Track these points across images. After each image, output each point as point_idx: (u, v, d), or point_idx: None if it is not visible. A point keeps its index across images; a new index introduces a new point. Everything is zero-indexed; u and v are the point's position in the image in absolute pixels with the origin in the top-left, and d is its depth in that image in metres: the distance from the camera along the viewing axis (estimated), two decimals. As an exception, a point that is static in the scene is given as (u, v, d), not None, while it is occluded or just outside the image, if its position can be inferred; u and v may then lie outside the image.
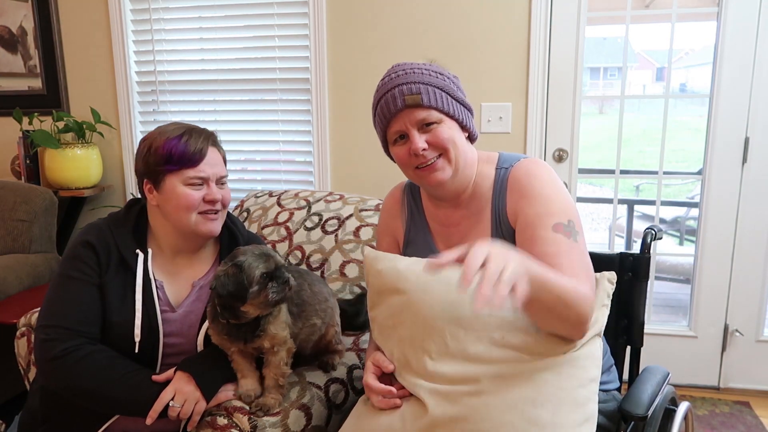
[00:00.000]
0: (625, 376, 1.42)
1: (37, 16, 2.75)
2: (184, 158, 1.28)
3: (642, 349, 1.44)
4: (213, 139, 1.35)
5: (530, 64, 2.38)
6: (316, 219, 1.86)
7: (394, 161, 1.25)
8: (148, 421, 1.20)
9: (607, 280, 1.18)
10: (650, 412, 1.14)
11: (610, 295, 1.18)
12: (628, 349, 1.46)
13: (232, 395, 1.27)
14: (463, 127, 1.23)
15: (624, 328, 1.44)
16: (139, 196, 1.41)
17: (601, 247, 3.81)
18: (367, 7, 2.49)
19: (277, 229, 1.87)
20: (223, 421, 1.22)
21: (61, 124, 2.62)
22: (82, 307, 1.26)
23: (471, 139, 1.27)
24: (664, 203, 3.51)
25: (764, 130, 2.31)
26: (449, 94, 1.19)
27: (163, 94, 2.76)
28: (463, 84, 1.27)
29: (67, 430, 1.29)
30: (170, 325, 1.32)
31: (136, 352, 1.28)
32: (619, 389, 1.33)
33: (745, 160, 2.34)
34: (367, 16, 2.49)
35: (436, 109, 1.16)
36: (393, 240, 1.39)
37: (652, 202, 2.96)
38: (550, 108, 2.45)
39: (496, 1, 2.38)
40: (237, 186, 2.74)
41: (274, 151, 2.73)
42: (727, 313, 2.46)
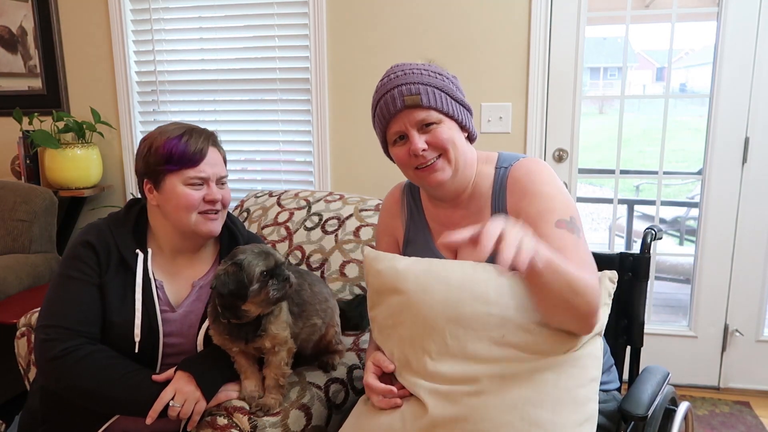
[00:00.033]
0: (625, 376, 1.42)
1: (37, 16, 2.75)
2: (185, 158, 1.28)
3: (642, 349, 1.44)
4: (213, 139, 1.36)
5: (530, 64, 2.38)
6: (316, 219, 1.86)
7: (393, 162, 1.25)
8: (148, 421, 1.20)
9: (609, 279, 1.18)
10: (650, 412, 1.14)
11: (611, 295, 1.18)
12: (628, 349, 1.46)
13: (234, 396, 1.27)
14: (463, 128, 1.23)
15: (624, 328, 1.44)
16: (139, 196, 1.41)
17: (601, 247, 3.81)
18: (367, 7, 2.49)
19: (277, 229, 1.87)
20: (223, 421, 1.22)
21: (61, 124, 2.63)
22: (82, 307, 1.26)
23: (470, 139, 1.27)
24: (664, 203, 3.51)
25: (764, 130, 2.31)
26: (448, 95, 1.19)
27: (163, 94, 2.76)
28: (463, 84, 1.27)
29: (67, 430, 1.29)
30: (170, 325, 1.33)
31: (136, 352, 1.28)
32: (619, 389, 1.33)
33: (745, 160, 2.34)
34: (367, 16, 2.49)
35: (436, 109, 1.17)
36: (392, 240, 1.39)
37: (652, 202, 2.96)
38: (550, 108, 2.45)
39: (496, 1, 2.38)
40: (237, 186, 2.74)
41: (274, 151, 2.73)
42: (727, 313, 2.46)
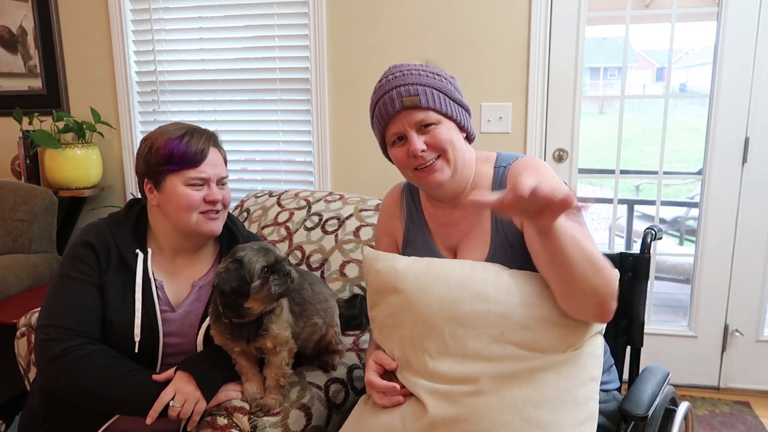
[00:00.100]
0: (625, 376, 1.42)
1: (37, 16, 2.75)
2: (186, 159, 1.28)
3: (642, 349, 1.44)
4: (214, 140, 1.36)
5: (530, 64, 2.38)
6: (316, 219, 1.86)
7: (392, 163, 1.25)
8: (148, 421, 1.20)
9: None
10: (650, 412, 1.14)
11: None
12: (628, 349, 1.46)
13: (234, 396, 1.27)
14: (461, 128, 1.23)
15: (624, 328, 1.44)
16: (139, 196, 1.41)
17: (601, 247, 3.80)
18: (367, 7, 2.49)
19: (277, 229, 1.87)
20: (223, 421, 1.22)
21: (61, 124, 2.62)
22: (82, 307, 1.26)
23: (469, 139, 1.27)
24: (664, 203, 3.51)
25: (764, 130, 2.31)
26: (447, 95, 1.19)
27: (164, 94, 2.76)
28: (463, 84, 1.27)
29: (67, 430, 1.29)
30: (170, 325, 1.33)
31: (136, 352, 1.28)
32: (619, 389, 1.33)
33: (745, 160, 2.34)
34: (367, 16, 2.49)
35: (434, 110, 1.17)
36: (392, 240, 1.39)
37: (652, 202, 2.96)
38: (550, 108, 2.45)
39: (496, 1, 2.38)
40: (237, 186, 2.74)
41: (274, 151, 2.73)
42: (727, 313, 2.46)
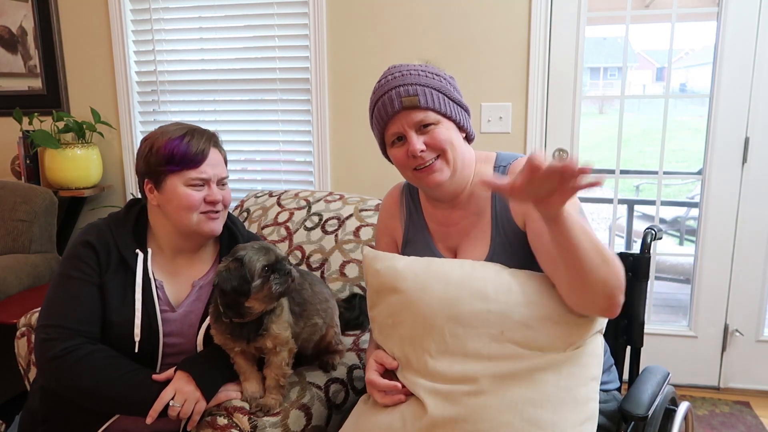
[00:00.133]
0: (625, 376, 1.42)
1: (37, 16, 2.75)
2: (186, 159, 1.29)
3: (642, 349, 1.44)
4: (215, 140, 1.36)
5: (530, 64, 2.38)
6: (316, 219, 1.86)
7: (392, 163, 1.25)
8: (148, 421, 1.20)
9: None
10: (650, 412, 1.14)
11: None
12: (628, 349, 1.46)
13: (234, 396, 1.27)
14: (461, 128, 1.23)
15: (624, 328, 1.44)
16: (139, 196, 1.41)
17: (601, 247, 3.80)
18: (367, 7, 2.49)
19: (277, 229, 1.87)
20: (223, 421, 1.22)
21: (61, 124, 2.62)
22: (82, 307, 1.26)
23: (468, 139, 1.27)
24: (664, 203, 3.50)
25: (764, 130, 2.31)
26: (446, 95, 1.19)
27: (164, 94, 2.76)
28: (463, 84, 1.27)
29: (67, 430, 1.29)
30: (170, 324, 1.33)
31: (136, 351, 1.28)
32: (619, 389, 1.33)
33: (745, 160, 2.34)
34: (367, 16, 2.49)
35: (433, 110, 1.17)
36: (392, 240, 1.39)
37: (652, 202, 2.96)
38: (550, 108, 2.45)
39: (496, 1, 2.38)
40: (237, 186, 2.74)
41: (274, 151, 2.73)
42: (727, 313, 2.46)
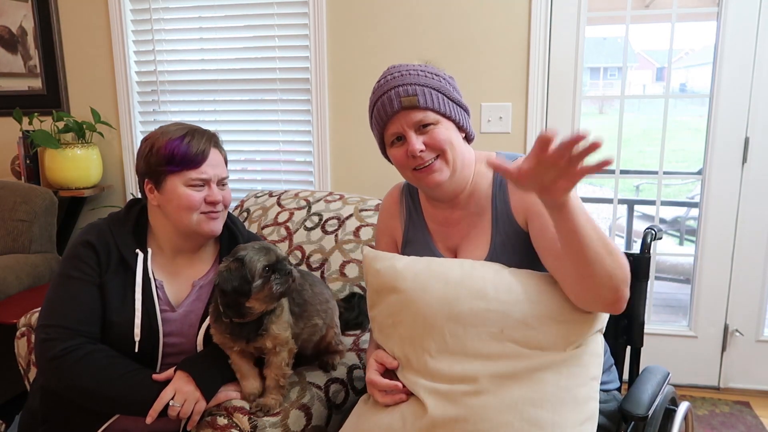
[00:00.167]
0: (625, 376, 1.42)
1: (37, 16, 2.75)
2: (186, 159, 1.29)
3: (642, 349, 1.44)
4: (215, 141, 1.36)
5: (530, 64, 2.38)
6: (316, 219, 1.86)
7: (391, 163, 1.25)
8: (148, 421, 1.20)
9: None
10: (651, 412, 1.14)
11: None
12: (628, 349, 1.46)
13: (234, 396, 1.27)
14: (460, 128, 1.23)
15: (624, 328, 1.44)
16: (139, 196, 1.41)
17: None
18: (367, 7, 2.49)
19: (277, 229, 1.87)
20: (223, 421, 1.22)
21: (61, 124, 2.62)
22: (83, 307, 1.26)
23: (468, 139, 1.27)
24: (664, 203, 3.51)
25: (764, 130, 2.31)
26: (445, 95, 1.19)
27: (164, 94, 2.76)
28: (463, 84, 1.27)
29: (67, 430, 1.29)
30: (170, 324, 1.33)
31: (136, 351, 1.28)
32: (619, 389, 1.33)
33: (745, 160, 2.34)
34: (367, 16, 2.49)
35: (433, 110, 1.17)
36: (391, 240, 1.39)
37: (652, 202, 2.96)
38: (550, 108, 2.45)
39: (496, 1, 2.38)
40: (237, 186, 2.74)
41: (274, 151, 2.73)
42: (727, 313, 2.46)
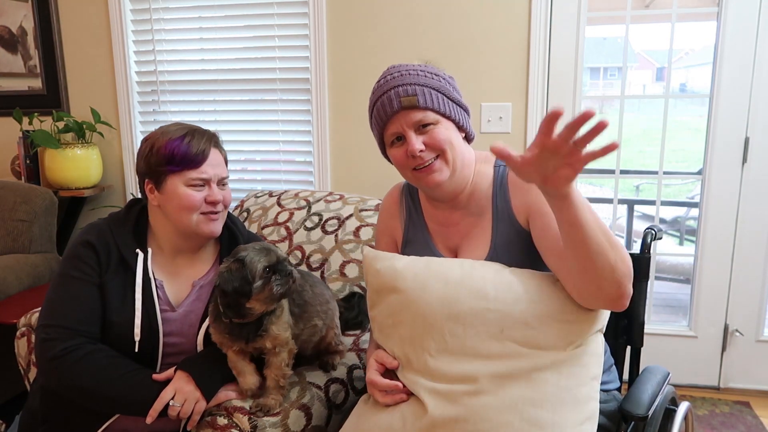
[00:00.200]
0: (625, 376, 1.42)
1: (37, 16, 2.75)
2: (186, 159, 1.29)
3: (642, 349, 1.44)
4: (215, 141, 1.36)
5: (530, 64, 2.38)
6: (316, 219, 1.86)
7: (391, 163, 1.25)
8: (148, 421, 1.20)
9: None
10: (651, 412, 1.14)
11: None
12: (628, 349, 1.46)
13: (234, 396, 1.27)
14: (460, 128, 1.23)
15: (624, 328, 1.44)
16: (139, 196, 1.41)
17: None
18: (367, 7, 2.49)
19: (277, 229, 1.87)
20: (223, 421, 1.22)
21: (61, 124, 2.62)
22: (83, 307, 1.26)
23: (468, 139, 1.27)
24: (664, 203, 3.51)
25: (764, 130, 2.31)
26: (445, 95, 1.19)
27: (164, 94, 2.76)
28: (463, 84, 1.27)
29: (67, 430, 1.29)
30: (170, 324, 1.33)
31: (136, 351, 1.28)
32: (619, 389, 1.33)
33: (745, 160, 2.34)
34: (367, 16, 2.49)
35: (433, 110, 1.16)
36: (391, 240, 1.39)
37: (652, 202, 2.96)
38: (550, 108, 2.44)
39: (496, 1, 2.38)
40: (237, 186, 2.74)
41: (274, 151, 2.73)
42: (727, 313, 2.46)
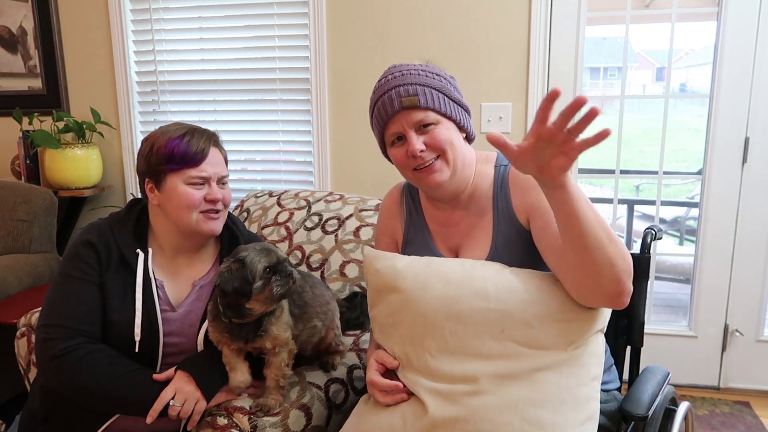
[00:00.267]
0: (625, 376, 1.42)
1: (37, 16, 2.75)
2: (186, 158, 1.29)
3: (642, 349, 1.44)
4: (215, 140, 1.36)
5: (530, 64, 2.38)
6: (316, 219, 1.86)
7: (392, 163, 1.25)
8: (149, 421, 1.20)
9: None
10: (651, 412, 1.14)
11: None
12: (628, 349, 1.46)
13: (234, 396, 1.27)
14: (461, 128, 1.23)
15: (624, 328, 1.44)
16: (139, 196, 1.41)
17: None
18: (367, 7, 2.49)
19: (277, 229, 1.87)
20: (223, 421, 1.22)
21: (61, 124, 2.62)
22: (83, 307, 1.26)
23: (469, 139, 1.27)
24: (664, 203, 3.51)
25: (764, 130, 2.31)
26: (446, 95, 1.18)
27: (164, 94, 2.76)
28: (463, 84, 1.27)
29: (68, 430, 1.29)
30: (170, 324, 1.33)
31: (137, 351, 1.28)
32: (619, 389, 1.33)
33: (745, 160, 2.34)
34: (367, 16, 2.49)
35: (433, 110, 1.16)
36: (392, 240, 1.39)
37: (652, 202, 2.96)
38: (554, 108, 2.45)
39: (496, 1, 2.38)
40: (237, 186, 2.74)
41: (274, 151, 2.73)
42: (727, 313, 2.46)
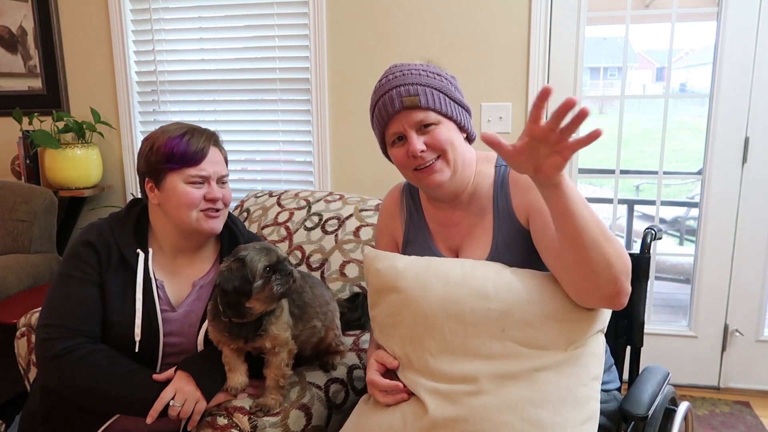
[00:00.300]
0: (625, 376, 1.42)
1: (37, 16, 2.75)
2: (186, 157, 1.29)
3: (642, 349, 1.44)
4: (215, 139, 1.36)
5: (530, 64, 2.38)
6: (316, 219, 1.86)
7: (392, 163, 1.25)
8: (149, 421, 1.20)
9: None
10: (651, 412, 1.14)
11: None
12: (628, 349, 1.46)
13: (234, 396, 1.27)
14: (461, 128, 1.23)
15: (624, 328, 1.44)
16: (139, 196, 1.41)
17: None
18: (367, 7, 2.49)
19: (277, 229, 1.87)
20: (223, 421, 1.22)
21: (61, 124, 2.62)
22: (83, 307, 1.26)
23: (469, 139, 1.27)
24: (664, 203, 3.51)
25: (764, 130, 2.31)
26: (447, 95, 1.18)
27: (164, 94, 2.76)
28: (463, 84, 1.27)
29: (68, 430, 1.29)
30: (170, 324, 1.33)
31: (137, 351, 1.28)
32: (619, 389, 1.33)
33: (745, 160, 2.34)
34: (367, 16, 2.49)
35: (434, 110, 1.16)
36: (392, 240, 1.39)
37: (652, 202, 2.96)
38: (551, 108, 2.43)
39: (496, 1, 2.38)
40: (237, 186, 2.74)
41: (274, 151, 2.73)
42: (727, 313, 2.46)
